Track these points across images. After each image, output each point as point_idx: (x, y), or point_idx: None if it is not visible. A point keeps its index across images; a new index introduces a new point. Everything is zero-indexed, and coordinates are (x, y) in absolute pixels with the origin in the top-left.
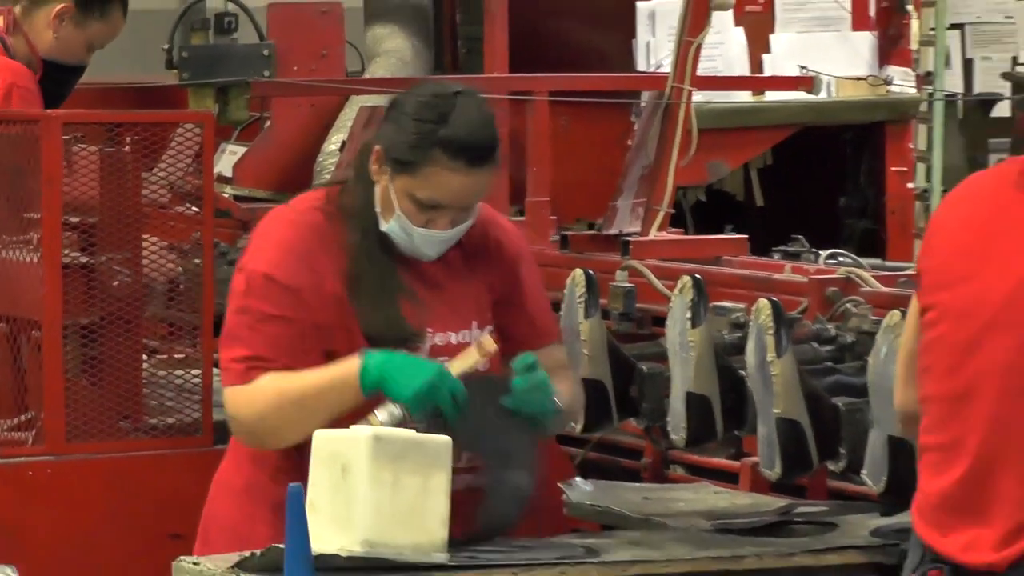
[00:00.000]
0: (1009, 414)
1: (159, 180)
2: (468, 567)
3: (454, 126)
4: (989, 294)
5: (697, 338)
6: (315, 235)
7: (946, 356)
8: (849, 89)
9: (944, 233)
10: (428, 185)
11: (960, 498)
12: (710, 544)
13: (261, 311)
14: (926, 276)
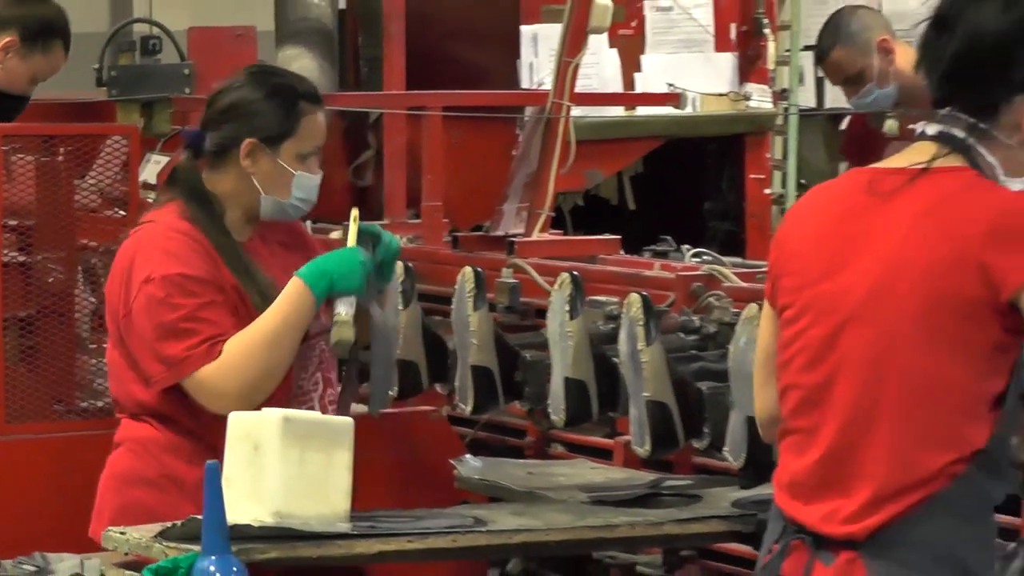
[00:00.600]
0: (866, 401)
1: (90, 187)
2: (368, 535)
3: (299, 83)
4: (849, 292)
5: (575, 329)
6: (190, 238)
7: (808, 349)
8: (712, 104)
9: (799, 239)
10: (307, 135)
11: (821, 476)
12: (587, 514)
13: (192, 303)
14: (785, 279)
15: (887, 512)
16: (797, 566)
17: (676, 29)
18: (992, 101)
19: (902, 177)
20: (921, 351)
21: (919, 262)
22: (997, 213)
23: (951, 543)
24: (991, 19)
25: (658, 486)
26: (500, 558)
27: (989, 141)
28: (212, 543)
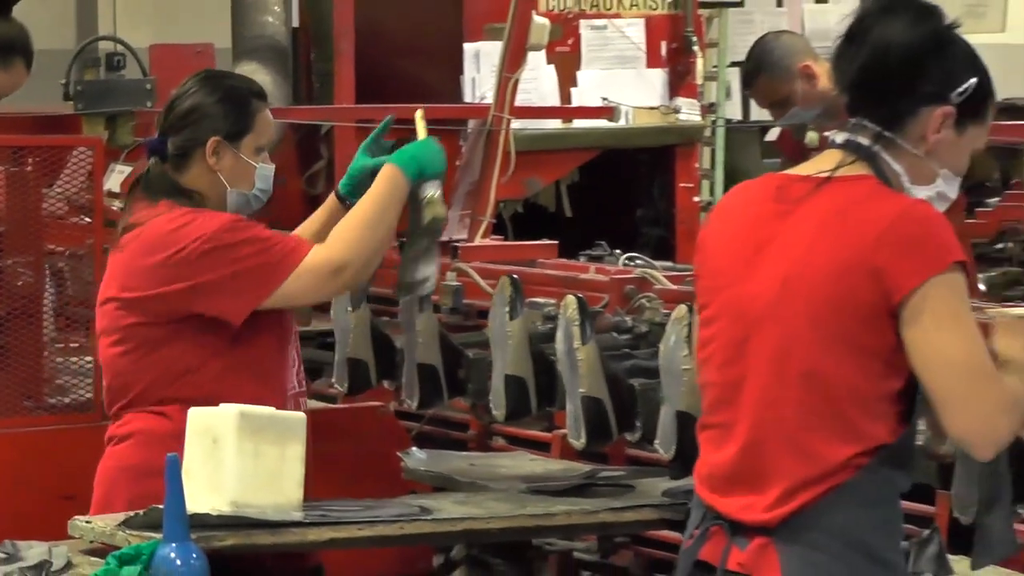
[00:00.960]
0: (773, 400)
1: (57, 195)
2: (320, 524)
3: (244, 81)
4: (757, 296)
5: (514, 328)
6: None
7: (722, 350)
8: (644, 117)
9: (715, 242)
10: (263, 129)
11: (736, 469)
12: (526, 503)
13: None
14: (702, 280)
15: (798, 501)
16: (716, 550)
17: (610, 46)
18: (899, 112)
19: (808, 185)
20: (821, 353)
21: (820, 268)
22: (891, 221)
23: (857, 528)
24: (899, 33)
25: (593, 477)
26: (444, 545)
27: (895, 150)
28: (173, 531)
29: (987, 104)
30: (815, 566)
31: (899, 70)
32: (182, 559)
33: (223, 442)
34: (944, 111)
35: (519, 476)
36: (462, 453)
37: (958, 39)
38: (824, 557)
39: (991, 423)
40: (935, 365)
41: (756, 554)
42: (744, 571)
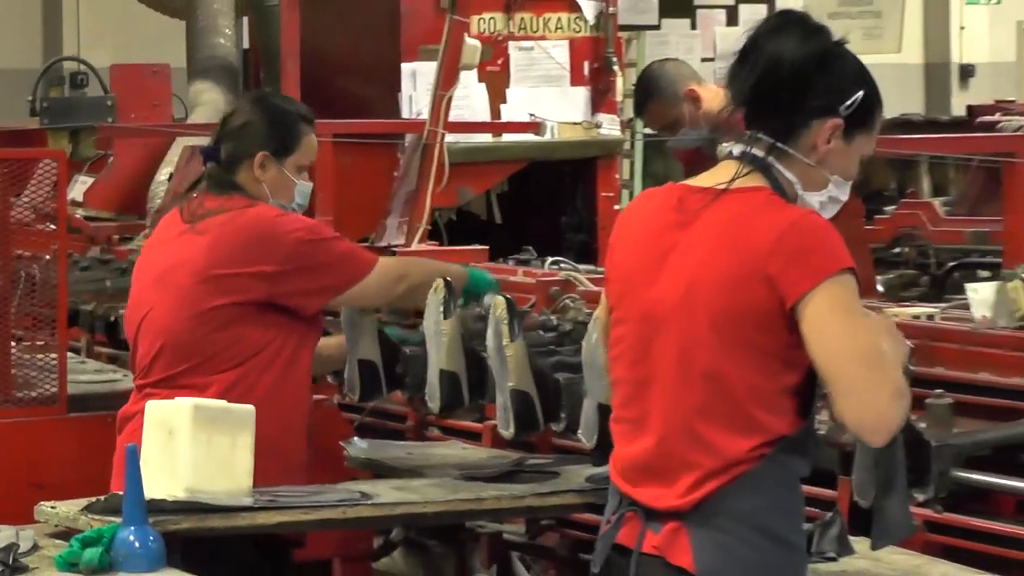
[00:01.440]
0: (680, 397)
1: (24, 204)
2: (269, 508)
3: (295, 105)
4: (661, 300)
5: (448, 327)
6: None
7: (630, 350)
8: (568, 132)
9: (623, 248)
10: (306, 151)
11: (648, 462)
12: (459, 489)
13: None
14: (611, 283)
15: (706, 489)
16: (632, 534)
17: (537, 66)
18: (791, 124)
19: (707, 196)
20: (721, 355)
21: (719, 276)
22: (782, 232)
23: (761, 513)
24: (789, 50)
25: (521, 464)
26: (384, 527)
27: (788, 159)
28: (132, 515)
29: (874, 115)
30: (723, 548)
31: (789, 85)
32: (140, 541)
33: (178, 433)
34: (833, 123)
35: (452, 464)
36: (400, 442)
37: (846, 55)
38: (731, 539)
39: (884, 411)
40: (831, 358)
41: (669, 537)
42: (658, 553)
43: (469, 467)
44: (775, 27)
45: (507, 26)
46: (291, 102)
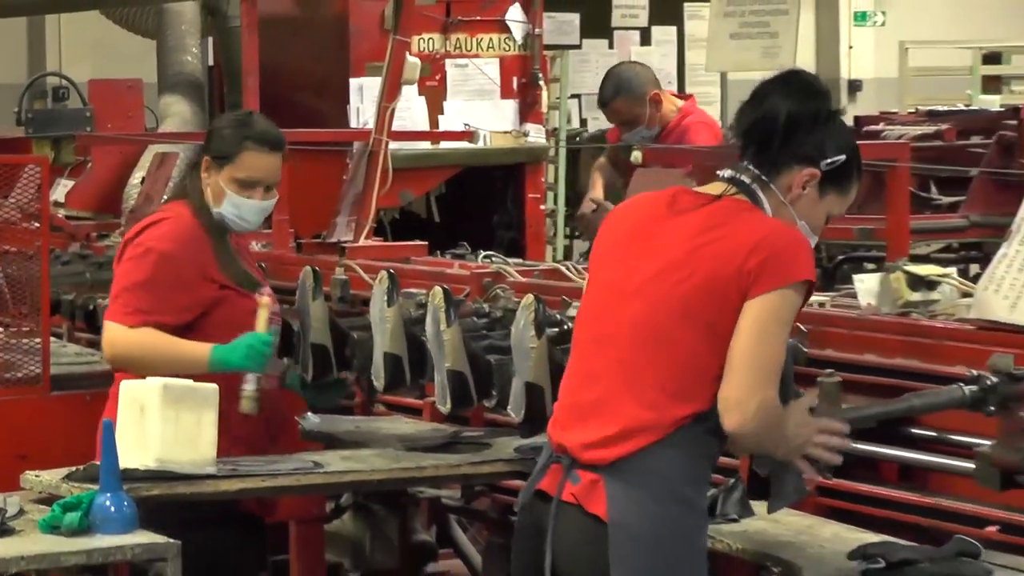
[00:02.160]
0: (633, 356)
1: (11, 205)
2: (231, 476)
3: (255, 126)
4: (636, 273)
5: (391, 314)
6: (191, 224)
7: (594, 309)
8: (499, 140)
9: (614, 230)
10: (244, 167)
11: (585, 409)
12: (402, 459)
13: (153, 276)
14: (596, 252)
15: (629, 446)
16: (553, 482)
17: (471, 81)
18: (776, 163)
19: (701, 199)
20: (679, 327)
21: (700, 262)
22: (766, 234)
23: (673, 476)
24: (791, 102)
25: (457, 436)
26: (334, 493)
27: (767, 192)
28: (108, 483)
29: (851, 181)
30: (634, 501)
31: (783, 130)
32: (116, 506)
33: (149, 409)
34: (811, 172)
35: (396, 436)
36: (349, 417)
37: (840, 122)
38: (642, 494)
39: (749, 408)
40: (743, 346)
41: (587, 488)
42: (576, 502)
43: (410, 439)
44: (784, 79)
45: (444, 45)
46: (257, 122)
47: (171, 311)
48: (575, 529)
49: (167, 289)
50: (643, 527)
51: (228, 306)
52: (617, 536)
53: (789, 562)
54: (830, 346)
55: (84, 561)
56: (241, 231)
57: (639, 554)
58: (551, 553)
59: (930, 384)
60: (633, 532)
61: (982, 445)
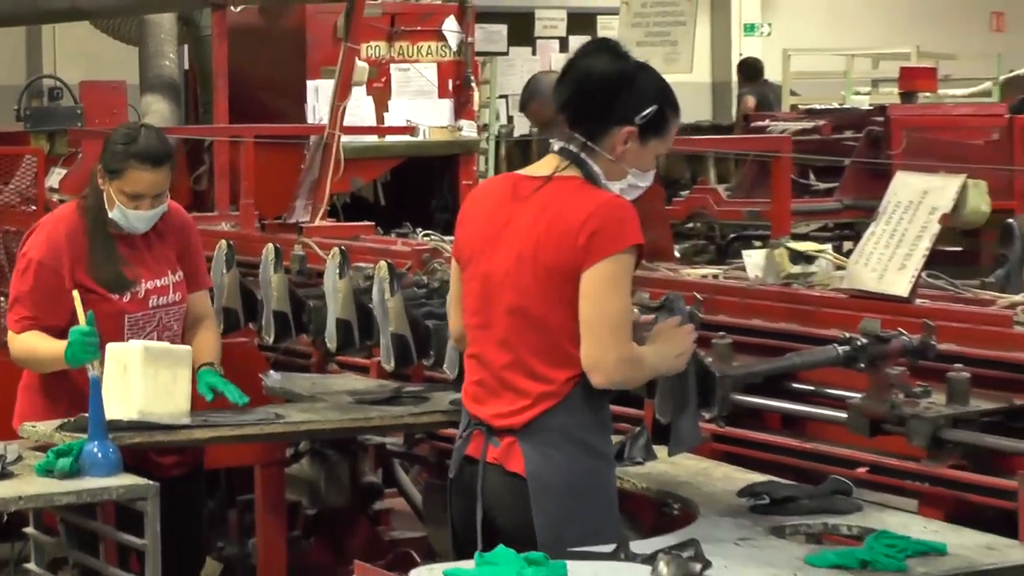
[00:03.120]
0: (511, 338)
1: (11, 190)
2: (203, 426)
3: (139, 144)
4: (499, 265)
5: (343, 285)
6: (69, 229)
7: (475, 302)
8: (437, 134)
9: (469, 223)
10: (129, 182)
11: (490, 388)
12: (352, 410)
13: (34, 285)
14: (462, 251)
15: (533, 412)
16: (477, 447)
17: (412, 83)
18: (596, 129)
19: (535, 183)
20: (544, 306)
21: (544, 246)
22: (591, 212)
23: (577, 428)
24: (597, 69)
25: (400, 391)
26: (293, 440)
27: (595, 155)
28: (95, 433)
29: (668, 124)
30: (546, 456)
31: (596, 97)
32: (102, 453)
33: (131, 368)
34: (628, 131)
35: (347, 391)
36: (306, 375)
37: (647, 75)
38: (553, 450)
39: (608, 365)
40: (589, 312)
41: (506, 450)
42: (498, 462)
43: (359, 394)
44: (589, 50)
45: (389, 52)
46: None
47: (54, 314)
48: (500, 486)
49: (47, 295)
50: (556, 478)
51: (90, 308)
52: (535, 488)
53: (687, 499)
54: (722, 312)
55: (74, 501)
56: (133, 232)
57: (555, 501)
58: (482, 508)
59: (808, 345)
60: (548, 483)
61: (853, 398)
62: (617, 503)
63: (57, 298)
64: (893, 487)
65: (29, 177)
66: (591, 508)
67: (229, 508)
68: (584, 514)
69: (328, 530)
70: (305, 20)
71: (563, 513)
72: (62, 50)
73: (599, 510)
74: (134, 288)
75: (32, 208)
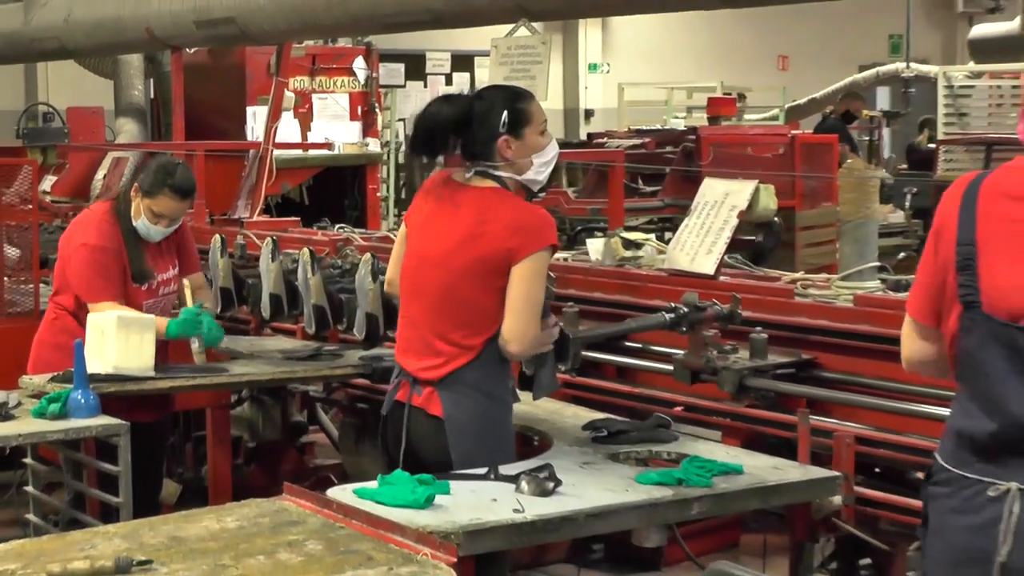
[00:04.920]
0: (437, 309)
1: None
2: (166, 378)
3: (175, 178)
4: (436, 248)
5: (274, 267)
6: (110, 224)
7: (411, 273)
8: (349, 148)
9: (416, 213)
10: (159, 204)
11: (416, 347)
12: (282, 365)
13: (103, 264)
14: (409, 233)
15: (449, 368)
16: (404, 394)
17: (329, 109)
18: (482, 153)
19: (464, 190)
20: (468, 289)
21: (475, 241)
22: (514, 215)
23: (482, 380)
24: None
25: (319, 350)
26: (236, 389)
27: (497, 168)
28: (79, 383)
29: (528, 112)
30: (459, 404)
31: (451, 132)
32: (85, 399)
33: (107, 332)
34: (502, 140)
35: (278, 350)
36: (246, 337)
37: (488, 97)
38: (464, 398)
39: (526, 339)
40: (515, 296)
41: (427, 397)
42: (421, 407)
43: (288, 352)
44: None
45: (311, 84)
46: (182, 174)
47: (115, 288)
48: (423, 426)
49: (111, 273)
50: (468, 420)
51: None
52: (451, 429)
53: (544, 432)
54: (571, 287)
55: (63, 437)
56: (149, 240)
57: (467, 439)
58: (408, 443)
59: (639, 313)
60: (461, 424)
61: (677, 354)
62: (513, 439)
63: (116, 276)
64: (702, 422)
65: (26, 183)
66: (494, 444)
67: (186, 442)
68: (489, 448)
69: (264, 459)
70: (245, 59)
71: (473, 447)
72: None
73: (500, 443)
74: (152, 279)
75: (28, 207)
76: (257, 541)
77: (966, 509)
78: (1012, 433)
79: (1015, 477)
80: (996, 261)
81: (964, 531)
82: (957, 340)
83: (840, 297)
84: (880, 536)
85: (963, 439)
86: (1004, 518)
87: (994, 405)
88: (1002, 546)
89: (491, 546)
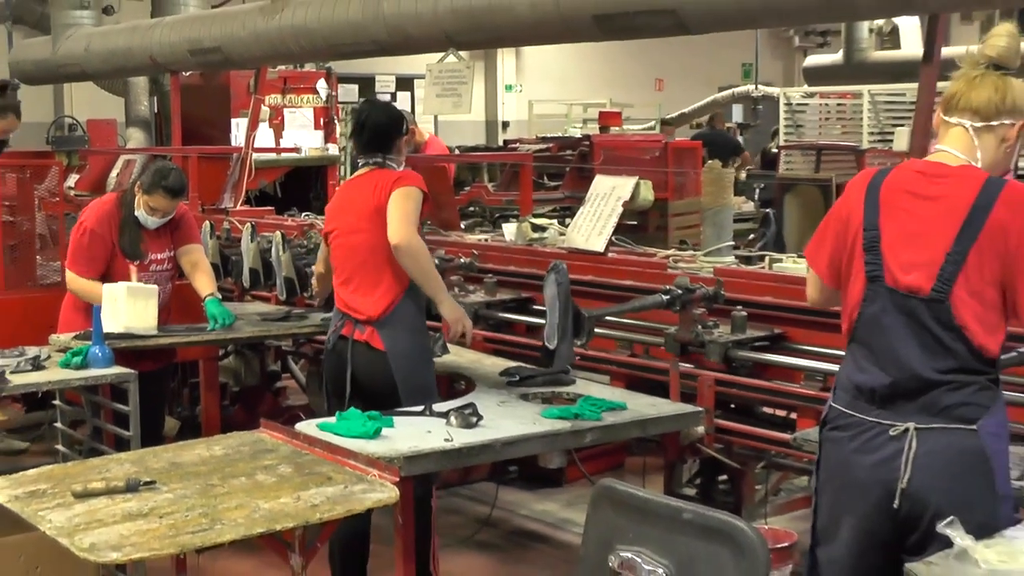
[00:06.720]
0: (367, 263)
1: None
2: (166, 335)
3: (168, 180)
4: (352, 220)
5: (253, 247)
6: (110, 210)
7: (341, 247)
8: (313, 153)
9: (340, 195)
10: (154, 201)
11: (353, 296)
12: (260, 325)
13: (89, 245)
14: (328, 220)
15: (382, 310)
16: (349, 331)
17: (297, 120)
18: (388, 148)
19: (368, 173)
20: (378, 241)
21: (375, 204)
22: (395, 178)
23: (411, 318)
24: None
25: (289, 313)
26: (224, 344)
27: (393, 161)
28: (96, 340)
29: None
30: (394, 338)
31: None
32: (102, 353)
33: (119, 299)
34: (402, 141)
35: (256, 313)
36: (231, 303)
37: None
38: (398, 333)
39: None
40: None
41: (369, 333)
42: (364, 340)
43: (264, 315)
44: (370, 109)
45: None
46: (175, 176)
47: (97, 265)
48: (366, 357)
49: (94, 252)
50: (404, 350)
51: (119, 265)
52: (393, 358)
53: (469, 377)
54: (490, 262)
55: (84, 383)
56: (147, 226)
57: (406, 367)
58: (353, 374)
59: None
60: (399, 354)
61: (668, 329)
62: (434, 369)
63: (100, 255)
64: (594, 369)
65: (54, 180)
66: (426, 372)
67: (183, 387)
68: (421, 370)
69: (246, 400)
70: (229, 80)
71: (411, 375)
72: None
73: (429, 372)
74: (144, 258)
75: (56, 200)
76: (239, 465)
77: (868, 449)
78: (908, 384)
79: (911, 418)
80: (896, 243)
81: (868, 467)
82: (860, 307)
83: (703, 269)
84: (734, 457)
85: (862, 391)
86: (904, 452)
87: (894, 360)
88: (904, 475)
89: (426, 468)
